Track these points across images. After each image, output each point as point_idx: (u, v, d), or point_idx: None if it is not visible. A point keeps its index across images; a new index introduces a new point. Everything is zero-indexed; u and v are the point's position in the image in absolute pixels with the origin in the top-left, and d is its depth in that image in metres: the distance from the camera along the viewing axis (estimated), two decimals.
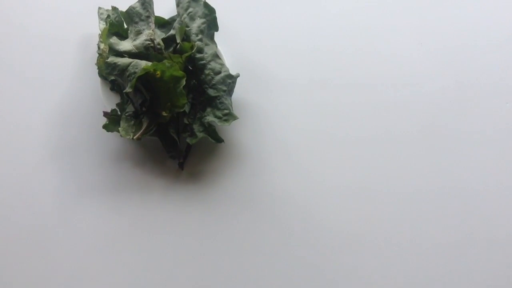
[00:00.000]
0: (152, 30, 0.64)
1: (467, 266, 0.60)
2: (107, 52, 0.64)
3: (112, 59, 0.61)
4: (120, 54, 0.63)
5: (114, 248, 0.62)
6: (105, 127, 0.63)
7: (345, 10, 0.74)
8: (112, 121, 0.63)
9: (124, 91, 0.60)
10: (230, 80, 0.64)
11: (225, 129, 0.67)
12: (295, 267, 0.61)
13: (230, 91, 0.65)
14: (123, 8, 0.68)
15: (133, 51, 0.62)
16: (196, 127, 0.64)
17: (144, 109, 0.62)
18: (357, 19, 0.73)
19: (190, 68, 0.65)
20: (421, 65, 0.70)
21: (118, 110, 0.64)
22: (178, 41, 0.64)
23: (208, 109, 0.64)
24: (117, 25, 0.68)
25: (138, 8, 0.65)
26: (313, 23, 0.72)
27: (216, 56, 0.66)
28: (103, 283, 0.61)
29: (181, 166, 0.65)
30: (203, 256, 0.62)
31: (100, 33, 0.66)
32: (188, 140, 0.63)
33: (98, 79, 0.67)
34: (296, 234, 0.63)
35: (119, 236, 0.63)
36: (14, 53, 0.72)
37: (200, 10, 0.67)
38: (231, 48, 0.70)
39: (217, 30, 0.67)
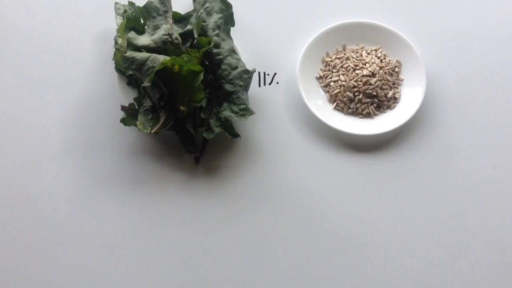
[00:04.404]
0: (170, 25, 0.64)
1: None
2: (125, 46, 0.65)
3: (130, 53, 0.61)
4: (138, 48, 0.63)
5: (131, 240, 0.63)
6: (122, 121, 0.63)
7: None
8: (130, 115, 0.64)
9: (143, 85, 0.60)
10: (247, 75, 0.65)
11: (241, 124, 0.67)
12: (312, 260, 0.61)
13: (246, 86, 0.65)
14: (138, 3, 0.68)
15: (151, 45, 0.63)
16: (212, 122, 0.64)
17: (161, 103, 0.62)
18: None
19: (207, 63, 0.65)
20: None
21: (135, 104, 0.64)
22: (195, 36, 0.64)
23: (225, 104, 0.64)
24: (134, 20, 0.68)
25: (156, 2, 0.66)
26: (329, 18, 0.72)
27: (233, 51, 0.66)
28: (120, 275, 0.61)
29: (198, 160, 0.65)
30: (219, 250, 0.62)
31: (117, 28, 0.67)
32: (204, 134, 0.64)
33: (115, 73, 0.67)
34: (312, 228, 0.63)
35: (136, 228, 0.63)
36: (33, 49, 0.72)
37: (216, 5, 0.67)
38: (247, 43, 0.70)
39: (233, 25, 0.68)
